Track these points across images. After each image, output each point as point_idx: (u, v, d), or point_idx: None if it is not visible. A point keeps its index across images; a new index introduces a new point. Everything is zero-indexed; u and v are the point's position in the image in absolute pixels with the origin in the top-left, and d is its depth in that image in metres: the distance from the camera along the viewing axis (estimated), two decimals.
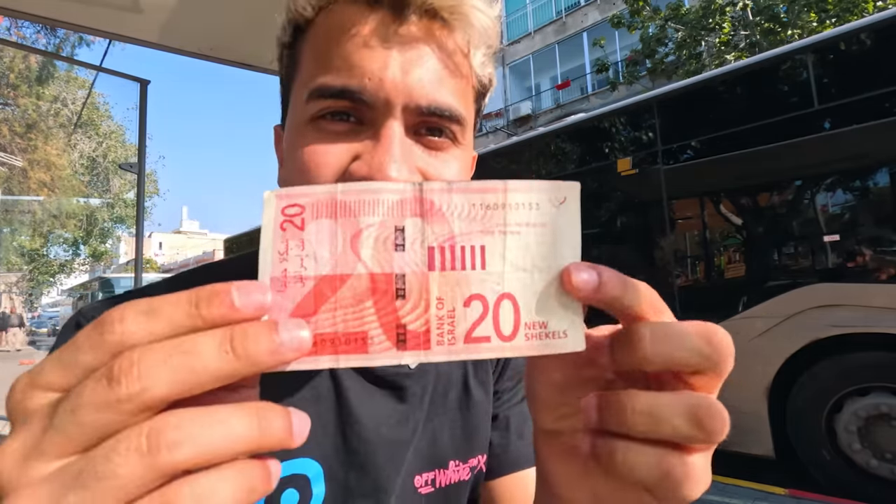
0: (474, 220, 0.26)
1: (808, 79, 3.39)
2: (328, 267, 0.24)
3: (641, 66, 11.23)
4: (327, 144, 0.41)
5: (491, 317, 0.25)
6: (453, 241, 0.25)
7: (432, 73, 0.41)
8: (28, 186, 18.76)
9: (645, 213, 4.23)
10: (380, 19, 0.40)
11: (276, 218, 0.24)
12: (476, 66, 0.45)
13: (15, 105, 17.81)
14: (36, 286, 25.95)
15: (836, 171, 3.39)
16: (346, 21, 0.41)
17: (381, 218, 0.25)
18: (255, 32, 2.08)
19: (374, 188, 0.25)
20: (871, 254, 3.18)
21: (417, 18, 0.41)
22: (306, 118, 0.42)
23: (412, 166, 0.41)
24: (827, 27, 8.01)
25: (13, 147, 17.83)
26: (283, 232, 0.24)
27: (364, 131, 0.41)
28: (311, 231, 0.24)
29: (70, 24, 2.05)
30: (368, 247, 0.25)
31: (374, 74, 0.39)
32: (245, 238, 10.85)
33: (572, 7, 16.04)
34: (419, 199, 0.25)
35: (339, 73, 0.40)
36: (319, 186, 0.25)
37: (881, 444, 3.06)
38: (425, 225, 0.25)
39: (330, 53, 0.41)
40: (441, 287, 0.25)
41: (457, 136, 0.44)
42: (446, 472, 0.54)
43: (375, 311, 0.24)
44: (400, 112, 0.40)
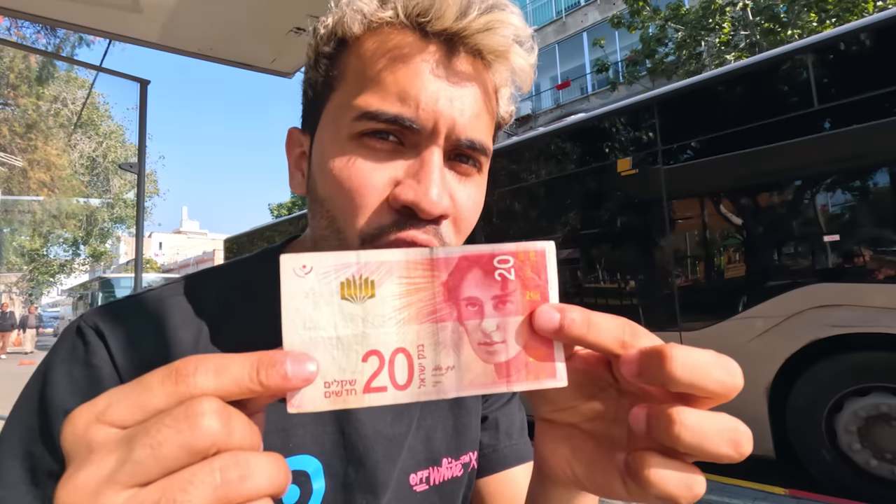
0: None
1: (808, 79, 3.39)
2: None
3: (641, 66, 11.23)
4: (371, 165, 0.43)
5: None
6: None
7: (473, 109, 0.44)
8: (28, 186, 18.76)
9: (645, 213, 4.23)
10: (433, 52, 0.43)
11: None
12: (502, 102, 0.49)
13: (15, 105, 17.81)
14: (36, 286, 25.94)
15: (836, 171, 3.39)
16: (400, 48, 0.43)
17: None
18: (255, 32, 2.08)
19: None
20: (870, 254, 3.18)
21: (465, 55, 0.44)
22: (350, 134, 0.43)
23: (448, 192, 0.44)
24: (827, 27, 8.01)
25: (13, 147, 17.83)
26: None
27: (406, 153, 0.43)
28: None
29: (70, 24, 2.05)
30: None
31: (427, 106, 0.41)
32: (245, 238, 10.85)
33: (572, 7, 16.04)
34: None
35: (393, 99, 0.42)
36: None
37: (881, 444, 3.06)
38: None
39: (383, 78, 0.42)
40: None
41: (481, 166, 0.47)
42: (440, 469, 0.55)
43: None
44: (442, 141, 0.43)
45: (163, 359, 0.44)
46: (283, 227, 9.90)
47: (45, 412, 0.41)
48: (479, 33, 0.43)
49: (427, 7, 0.42)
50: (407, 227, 0.42)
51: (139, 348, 0.44)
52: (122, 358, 0.43)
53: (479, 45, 0.44)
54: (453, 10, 0.42)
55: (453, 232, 0.45)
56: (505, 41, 0.44)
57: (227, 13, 1.94)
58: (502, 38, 0.44)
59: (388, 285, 0.28)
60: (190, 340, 0.46)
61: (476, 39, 0.43)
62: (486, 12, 0.42)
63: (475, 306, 0.29)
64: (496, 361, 0.29)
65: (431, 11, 0.42)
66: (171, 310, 0.47)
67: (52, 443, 0.40)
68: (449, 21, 0.42)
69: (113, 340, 0.44)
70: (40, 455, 0.40)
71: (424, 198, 0.41)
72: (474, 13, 0.42)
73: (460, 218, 0.46)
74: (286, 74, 2.40)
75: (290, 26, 2.01)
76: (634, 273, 4.39)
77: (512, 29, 0.44)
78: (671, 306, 3.90)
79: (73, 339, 0.45)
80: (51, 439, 0.40)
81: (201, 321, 0.48)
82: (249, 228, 11.03)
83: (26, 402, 0.43)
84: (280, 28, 2.02)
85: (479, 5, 0.42)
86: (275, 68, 2.36)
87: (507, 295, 0.29)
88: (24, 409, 0.43)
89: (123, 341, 0.44)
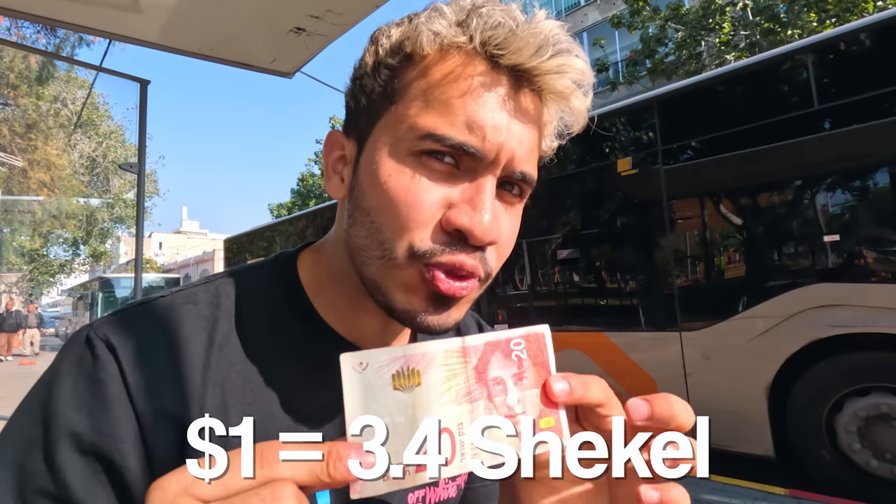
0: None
1: (808, 79, 3.39)
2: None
3: (641, 66, 11.23)
4: (429, 183, 0.43)
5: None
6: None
7: (530, 143, 0.46)
8: (28, 186, 18.76)
9: (645, 213, 4.23)
10: (503, 85, 0.44)
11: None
12: (546, 138, 0.50)
13: (15, 105, 17.81)
14: (36, 286, 25.93)
15: (836, 171, 3.39)
16: (473, 76, 0.43)
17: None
18: (255, 32, 2.08)
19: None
20: (870, 254, 3.19)
21: (529, 90, 0.45)
22: (410, 151, 0.44)
23: (497, 219, 0.45)
24: (827, 27, 8.01)
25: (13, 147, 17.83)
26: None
27: (461, 177, 0.44)
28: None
29: (70, 24, 2.05)
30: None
31: (493, 137, 0.42)
32: (245, 238, 10.85)
33: (572, 7, 16.04)
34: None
35: (461, 125, 0.42)
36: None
37: (881, 444, 3.06)
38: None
39: (452, 102, 0.43)
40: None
41: (524, 195, 0.49)
42: (437, 489, 0.56)
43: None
44: (499, 171, 0.44)
45: (174, 375, 0.44)
46: (283, 227, 9.90)
47: (47, 426, 0.40)
48: (549, 75, 0.44)
49: (506, 40, 0.42)
50: (456, 250, 0.43)
51: (150, 362, 0.44)
52: (132, 374, 0.42)
53: (545, 85, 0.45)
54: (530, 48, 0.42)
55: (496, 258, 0.46)
56: (570, 85, 0.45)
57: (227, 13, 1.94)
58: (567, 82, 0.45)
59: (431, 373, 0.33)
60: (201, 352, 0.46)
61: (544, 80, 0.44)
62: (557, 55, 0.43)
63: (500, 384, 0.34)
64: (521, 430, 0.34)
65: (510, 46, 0.42)
66: (182, 319, 0.47)
67: (50, 460, 0.39)
68: (524, 57, 0.43)
69: (124, 355, 0.43)
70: (34, 470, 0.39)
71: (479, 225, 0.42)
72: (548, 54, 0.43)
73: (503, 245, 0.46)
74: (286, 74, 2.40)
75: (290, 26, 2.00)
76: (634, 273, 4.39)
77: (578, 74, 0.45)
78: (671, 306, 3.90)
79: (81, 349, 0.43)
80: (51, 457, 0.39)
81: (213, 330, 0.47)
82: (249, 228, 11.03)
83: (27, 412, 0.42)
84: (280, 28, 2.02)
85: (553, 46, 0.43)
86: (275, 68, 2.35)
87: (522, 372, 0.35)
88: (24, 419, 0.42)
89: (135, 356, 0.43)
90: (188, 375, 0.44)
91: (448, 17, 0.44)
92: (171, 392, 0.43)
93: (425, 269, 0.43)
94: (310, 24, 1.98)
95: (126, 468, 0.40)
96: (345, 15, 1.92)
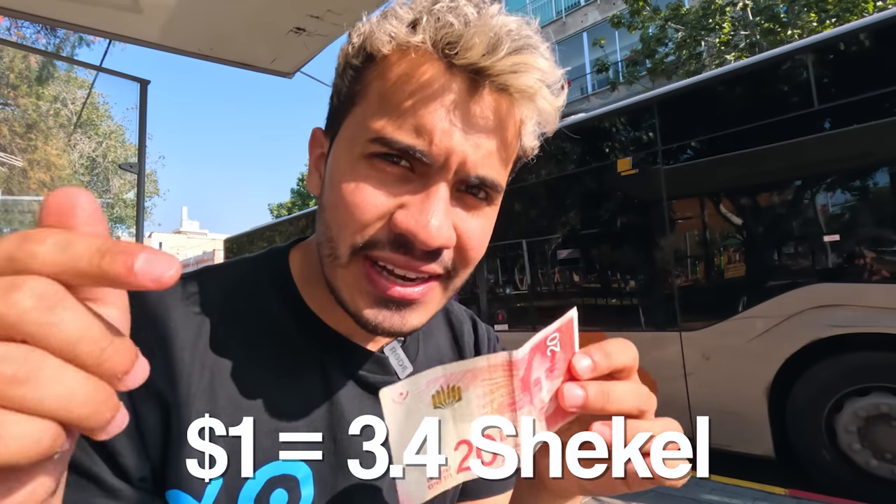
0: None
1: (808, 79, 3.39)
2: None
3: (641, 66, 11.23)
4: (377, 186, 0.43)
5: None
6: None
7: (488, 146, 0.43)
8: (28, 186, 18.76)
9: (645, 213, 4.23)
10: (457, 88, 0.42)
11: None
12: (524, 138, 0.49)
13: (15, 105, 17.81)
14: None
15: (836, 171, 3.39)
16: (424, 77, 0.42)
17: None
18: (255, 32, 2.08)
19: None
20: (870, 254, 3.18)
21: (489, 91, 0.43)
22: (362, 154, 0.43)
23: (450, 224, 0.44)
24: (827, 27, 8.01)
25: (13, 147, 17.83)
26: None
27: (415, 181, 0.43)
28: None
29: (70, 24, 2.05)
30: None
31: (440, 141, 0.41)
32: (245, 238, 10.85)
33: (572, 7, 16.04)
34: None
35: (408, 129, 0.41)
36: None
37: (881, 444, 3.06)
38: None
39: (402, 104, 0.42)
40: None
41: (492, 199, 0.47)
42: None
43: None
44: (451, 176, 0.43)
45: (163, 355, 0.44)
46: (283, 228, 9.90)
47: None
48: (506, 74, 0.42)
49: (456, 38, 0.41)
50: (400, 252, 0.42)
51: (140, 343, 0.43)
52: None
53: (506, 84, 0.43)
54: (481, 46, 0.40)
55: (457, 260, 0.46)
56: (533, 84, 0.43)
57: (227, 13, 1.94)
58: (530, 81, 0.43)
59: (473, 388, 0.32)
60: (190, 338, 0.46)
61: (502, 79, 0.42)
62: (514, 52, 0.41)
63: (538, 385, 0.34)
64: (546, 416, 0.35)
65: (460, 44, 0.41)
66: (173, 306, 0.47)
67: None
68: (476, 56, 0.41)
69: None
70: None
71: (423, 229, 0.41)
72: (502, 52, 0.41)
73: (468, 247, 0.46)
74: (286, 74, 2.40)
75: (290, 26, 2.00)
76: (634, 273, 4.39)
77: (539, 73, 0.43)
78: (671, 306, 3.90)
79: None
80: None
81: (203, 321, 0.47)
82: (249, 228, 11.03)
83: None
84: (280, 28, 2.02)
85: (509, 44, 0.41)
86: (275, 68, 2.35)
87: (555, 365, 0.35)
88: None
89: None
90: (177, 356, 0.44)
91: (402, 18, 0.43)
92: (160, 371, 0.43)
93: (367, 266, 0.43)
94: (310, 24, 1.98)
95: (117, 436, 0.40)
96: (345, 15, 1.92)
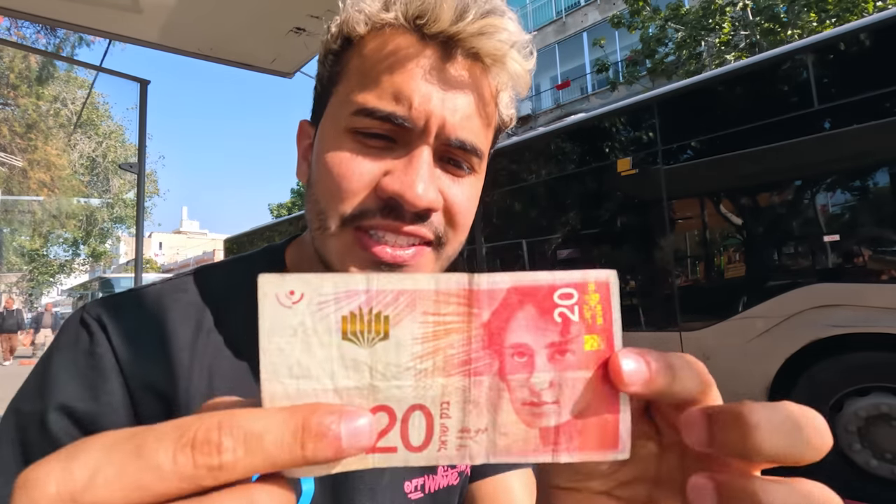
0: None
1: (808, 79, 3.39)
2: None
3: (641, 66, 11.23)
4: (362, 156, 0.44)
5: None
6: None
7: (466, 111, 0.45)
8: (28, 186, 18.77)
9: (645, 213, 4.23)
10: (431, 55, 0.44)
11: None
12: (501, 106, 0.50)
13: (15, 105, 17.81)
14: (36, 286, 25.93)
15: (836, 171, 3.39)
16: (399, 49, 0.44)
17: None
18: (255, 32, 2.07)
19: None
20: (870, 254, 3.18)
21: (462, 58, 0.45)
22: (346, 128, 0.45)
23: (437, 188, 0.45)
24: (827, 27, 8.01)
25: (13, 147, 17.84)
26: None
27: (397, 150, 0.45)
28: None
29: (70, 24, 2.05)
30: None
31: (420, 105, 0.43)
32: (245, 238, 10.85)
33: (572, 7, 16.04)
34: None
35: (388, 98, 0.43)
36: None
37: (881, 444, 3.06)
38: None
39: (380, 77, 0.44)
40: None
41: (474, 167, 0.49)
42: (435, 477, 0.55)
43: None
44: (432, 140, 0.44)
45: (162, 354, 0.45)
46: (282, 227, 9.91)
47: (43, 399, 0.42)
48: (474, 37, 0.44)
49: (424, 10, 0.43)
50: (390, 217, 0.43)
51: (139, 342, 0.45)
52: (123, 350, 0.44)
53: (476, 48, 0.44)
54: (449, 13, 0.43)
55: (447, 224, 0.47)
56: (501, 46, 0.45)
57: (227, 13, 1.94)
58: (498, 43, 0.45)
59: (407, 324, 0.22)
60: (189, 336, 0.47)
61: (471, 43, 0.44)
62: (481, 17, 0.43)
63: (524, 356, 0.23)
64: (543, 426, 0.23)
65: (428, 14, 0.43)
66: (171, 305, 0.48)
67: (46, 431, 0.41)
68: (445, 24, 0.43)
69: (115, 333, 0.45)
70: (35, 441, 0.41)
71: (409, 189, 0.42)
72: (470, 17, 0.43)
73: (455, 212, 0.47)
74: (286, 74, 2.40)
75: (290, 26, 2.00)
76: (634, 273, 4.39)
77: (507, 34, 0.45)
78: (671, 306, 3.90)
79: (76, 328, 0.46)
80: (45, 427, 0.41)
81: (201, 318, 0.48)
82: (249, 228, 11.03)
83: (26, 390, 0.44)
84: (280, 28, 2.02)
85: (476, 10, 0.43)
86: (275, 68, 2.35)
87: (567, 342, 0.23)
88: (25, 396, 0.44)
89: (125, 335, 0.45)
90: (176, 356, 0.45)
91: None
92: (160, 370, 0.44)
93: (357, 234, 0.44)
94: (310, 24, 1.98)
95: None
96: None
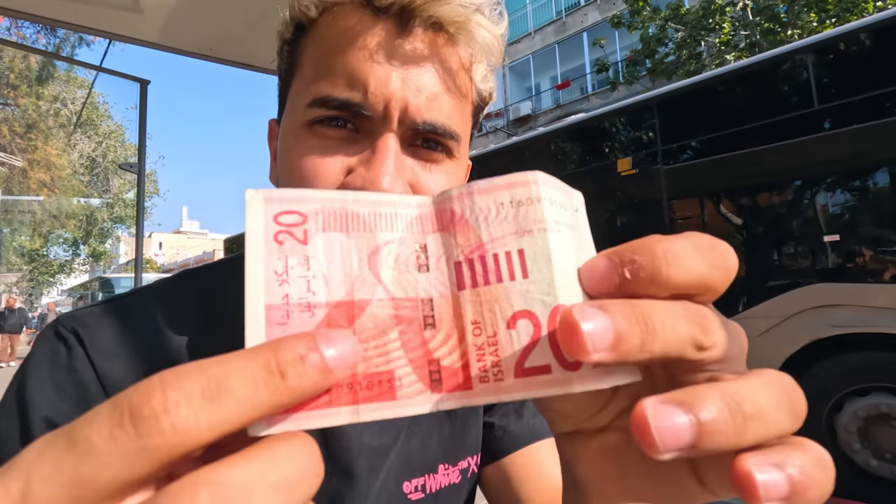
0: (505, 221, 0.21)
1: (808, 79, 3.39)
2: (342, 291, 0.19)
3: (641, 66, 11.22)
4: (324, 153, 0.41)
5: (547, 338, 0.19)
6: (483, 251, 0.20)
7: (432, 89, 0.40)
8: (28, 186, 18.78)
9: (645, 213, 4.23)
10: (385, 30, 0.39)
11: (267, 227, 0.19)
12: (477, 80, 0.45)
13: (15, 105, 17.82)
14: (36, 286, 25.94)
15: (836, 171, 3.39)
16: (351, 29, 0.40)
17: (400, 234, 0.20)
18: (255, 32, 2.07)
19: (389, 200, 0.21)
20: (870, 254, 3.18)
21: (422, 31, 0.40)
22: (304, 122, 0.42)
23: (404, 181, 0.41)
24: (827, 27, 8.01)
25: (13, 147, 17.84)
26: (279, 246, 0.19)
27: (361, 140, 0.41)
28: (317, 246, 0.19)
29: (70, 24, 2.05)
30: (388, 267, 0.20)
31: (377, 89, 0.39)
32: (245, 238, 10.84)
33: (572, 7, 16.03)
34: (438, 211, 0.21)
35: (342, 84, 0.40)
36: (326, 192, 0.20)
37: (881, 444, 3.06)
38: (448, 238, 0.21)
39: (333, 62, 0.40)
40: (475, 308, 0.20)
41: (452, 151, 0.44)
42: (436, 476, 0.54)
43: (402, 344, 0.19)
44: (396, 125, 0.40)
45: (141, 365, 0.42)
46: None
47: (23, 416, 0.40)
48: (430, 4, 0.39)
49: None
50: None
51: (118, 355, 0.43)
52: (102, 364, 0.42)
53: (434, 16, 0.39)
54: None
55: None
56: (463, 11, 0.40)
57: (227, 13, 1.94)
58: (459, 8, 0.39)
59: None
60: (170, 347, 0.44)
61: (428, 11, 0.39)
62: None
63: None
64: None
65: None
66: (159, 314, 0.46)
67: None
68: None
69: (92, 346, 0.42)
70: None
71: (373, 186, 0.38)
72: None
73: None
74: None
75: None
76: None
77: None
78: None
79: (52, 342, 0.42)
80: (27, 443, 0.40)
81: (191, 325, 0.46)
82: None
83: (2, 408, 0.41)
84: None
85: None
86: (275, 68, 2.35)
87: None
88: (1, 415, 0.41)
89: (103, 347, 0.42)
90: (156, 367, 0.43)
91: None
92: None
93: None
94: None
95: None
96: None
